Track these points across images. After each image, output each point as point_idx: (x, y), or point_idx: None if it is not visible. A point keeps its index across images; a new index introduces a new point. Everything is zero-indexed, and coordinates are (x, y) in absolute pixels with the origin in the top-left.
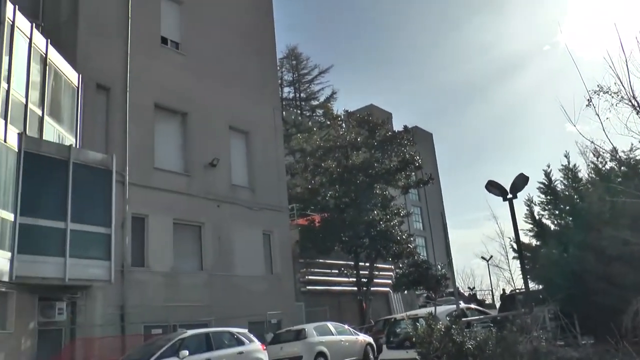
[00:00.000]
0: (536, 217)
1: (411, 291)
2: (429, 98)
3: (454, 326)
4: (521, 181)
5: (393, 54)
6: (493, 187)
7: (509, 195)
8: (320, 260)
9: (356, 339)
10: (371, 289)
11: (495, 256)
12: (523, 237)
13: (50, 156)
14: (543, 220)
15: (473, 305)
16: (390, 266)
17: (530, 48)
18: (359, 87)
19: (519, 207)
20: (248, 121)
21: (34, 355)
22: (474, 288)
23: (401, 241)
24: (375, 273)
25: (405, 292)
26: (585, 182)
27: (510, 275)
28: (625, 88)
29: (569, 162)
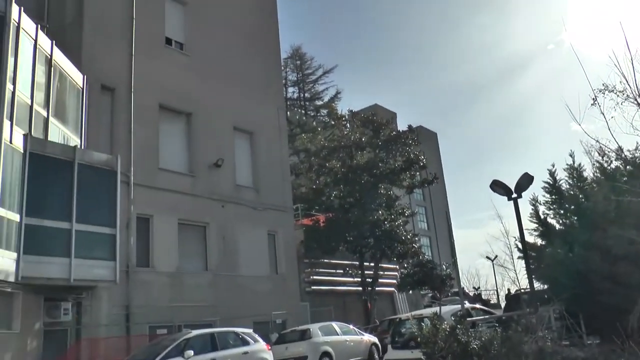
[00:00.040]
0: (541, 217)
1: (416, 291)
2: (431, 98)
3: (459, 326)
4: (526, 181)
5: (393, 54)
6: (498, 187)
7: (514, 195)
8: (325, 260)
9: (361, 339)
10: (376, 289)
11: (500, 256)
12: (528, 237)
13: (55, 157)
14: (548, 219)
15: (478, 305)
16: (395, 266)
17: (534, 47)
18: (360, 87)
19: (523, 207)
20: (252, 121)
21: (39, 355)
22: (479, 288)
23: (406, 241)
24: (380, 273)
25: (410, 292)
26: (590, 182)
27: (515, 275)
28: (630, 86)
29: (574, 162)
